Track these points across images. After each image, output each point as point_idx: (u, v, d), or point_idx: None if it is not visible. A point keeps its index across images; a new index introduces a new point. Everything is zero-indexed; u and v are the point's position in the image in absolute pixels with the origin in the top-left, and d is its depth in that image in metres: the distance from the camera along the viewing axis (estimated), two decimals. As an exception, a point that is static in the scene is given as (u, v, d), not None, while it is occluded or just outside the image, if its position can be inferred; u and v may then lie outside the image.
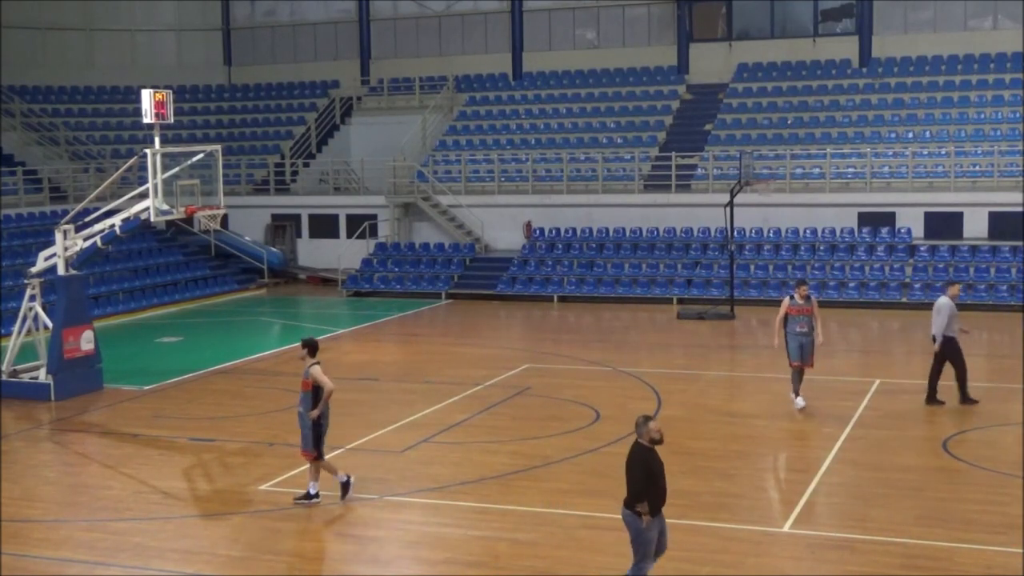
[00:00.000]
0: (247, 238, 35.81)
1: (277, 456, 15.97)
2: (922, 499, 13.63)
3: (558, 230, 33.20)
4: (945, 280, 24.31)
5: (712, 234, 31.55)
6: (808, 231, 31.06)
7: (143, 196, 19.72)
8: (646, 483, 10.12)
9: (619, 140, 35.91)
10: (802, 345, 17.79)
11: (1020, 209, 29.13)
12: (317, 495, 13.80)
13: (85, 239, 20.21)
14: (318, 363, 13.69)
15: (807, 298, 17.88)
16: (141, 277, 31.49)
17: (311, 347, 13.75)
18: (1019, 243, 28.90)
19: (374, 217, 35.62)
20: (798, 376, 17.96)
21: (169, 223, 32.55)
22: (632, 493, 10.17)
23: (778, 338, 18.12)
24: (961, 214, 30.20)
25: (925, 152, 32.30)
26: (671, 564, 11.21)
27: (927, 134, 33.20)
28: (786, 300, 18.05)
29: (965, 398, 17.98)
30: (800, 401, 17.91)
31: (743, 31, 38.63)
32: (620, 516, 10.36)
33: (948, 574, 11.34)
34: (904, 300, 28.66)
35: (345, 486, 13.92)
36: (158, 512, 13.78)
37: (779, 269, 30.20)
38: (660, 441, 10.26)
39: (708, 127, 35.78)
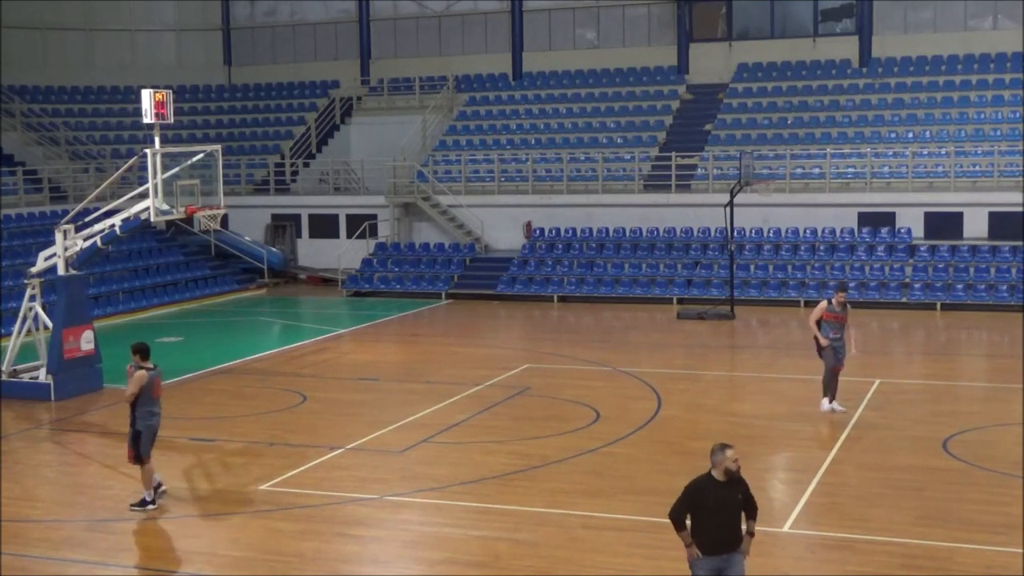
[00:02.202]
0: (247, 238, 35.79)
1: (277, 456, 15.98)
2: (922, 499, 13.62)
3: (558, 230, 33.20)
4: None
5: (712, 234, 31.55)
6: (808, 231, 31.05)
7: (143, 196, 19.70)
8: (684, 512, 9.10)
9: (619, 140, 35.91)
10: (836, 350, 17.56)
11: (1020, 209, 29.13)
12: (154, 500, 13.73)
13: (85, 239, 20.20)
14: (148, 369, 13.77)
15: (843, 305, 17.75)
16: (141, 277, 31.47)
17: (140, 352, 13.99)
18: (1019, 243, 28.90)
19: (374, 217, 35.61)
20: (835, 380, 17.68)
21: (169, 223, 32.59)
22: (670, 514, 9.24)
23: (822, 339, 17.40)
24: (961, 214, 30.19)
25: (925, 152, 32.29)
26: (670, 564, 11.21)
27: (927, 134, 33.19)
28: (824, 304, 17.65)
29: None
30: (836, 406, 17.63)
31: (743, 31, 38.63)
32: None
33: (948, 574, 11.34)
34: (904, 300, 28.67)
35: (156, 491, 13.82)
36: (158, 512, 13.77)
37: (779, 269, 30.19)
38: (736, 472, 9.07)
39: (708, 127, 35.77)
